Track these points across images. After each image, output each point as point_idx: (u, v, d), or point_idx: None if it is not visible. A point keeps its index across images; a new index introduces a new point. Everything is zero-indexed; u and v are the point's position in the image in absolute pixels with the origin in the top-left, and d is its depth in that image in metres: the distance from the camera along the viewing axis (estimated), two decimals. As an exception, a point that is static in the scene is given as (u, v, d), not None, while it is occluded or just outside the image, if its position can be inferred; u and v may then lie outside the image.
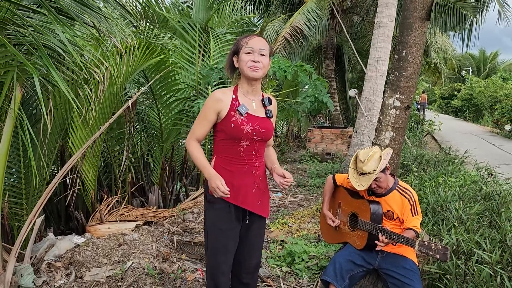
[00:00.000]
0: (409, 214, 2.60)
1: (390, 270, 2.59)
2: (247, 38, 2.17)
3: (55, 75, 2.25)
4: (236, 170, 2.21)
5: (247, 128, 2.15)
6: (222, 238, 2.25)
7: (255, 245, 2.38)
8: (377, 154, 2.67)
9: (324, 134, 8.87)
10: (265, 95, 2.31)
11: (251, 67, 2.11)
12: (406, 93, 4.38)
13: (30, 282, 3.04)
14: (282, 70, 4.87)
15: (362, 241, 2.64)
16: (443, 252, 2.12)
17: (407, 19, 4.36)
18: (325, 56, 12.41)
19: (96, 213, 4.75)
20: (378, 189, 2.67)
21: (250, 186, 2.23)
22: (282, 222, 4.98)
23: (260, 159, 2.27)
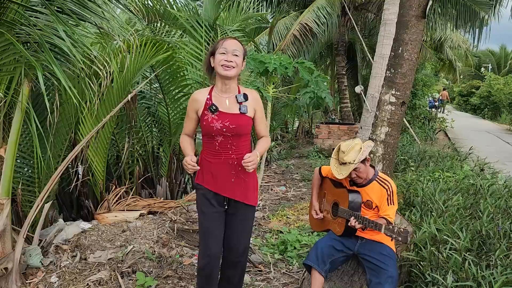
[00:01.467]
0: (385, 203, 2.75)
1: (368, 255, 2.74)
2: (222, 40, 2.38)
3: (57, 71, 2.47)
4: (214, 161, 2.43)
5: (217, 125, 2.36)
6: (205, 221, 2.47)
7: (242, 231, 2.55)
8: (358, 146, 2.82)
9: (332, 130, 8.99)
10: (242, 91, 2.48)
11: (223, 65, 2.31)
12: (401, 90, 4.50)
13: (37, 262, 3.30)
14: (283, 67, 5.02)
15: (341, 227, 2.80)
16: (404, 234, 2.31)
17: (403, 17, 4.47)
18: (336, 53, 12.47)
19: (104, 202, 5.00)
20: (358, 179, 2.82)
21: (227, 176, 2.43)
22: (282, 214, 5.15)
23: (239, 151, 2.42)
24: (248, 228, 2.58)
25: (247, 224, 2.58)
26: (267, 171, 7.65)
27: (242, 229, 2.56)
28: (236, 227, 2.55)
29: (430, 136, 11.08)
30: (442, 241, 2.76)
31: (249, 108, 2.44)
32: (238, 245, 2.56)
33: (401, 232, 2.31)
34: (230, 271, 2.58)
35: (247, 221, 2.58)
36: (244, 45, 2.43)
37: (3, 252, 2.91)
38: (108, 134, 4.95)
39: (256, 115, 2.52)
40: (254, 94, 2.52)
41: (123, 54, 4.18)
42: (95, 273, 3.23)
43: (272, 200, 5.95)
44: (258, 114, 2.53)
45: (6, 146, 2.83)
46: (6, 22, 2.58)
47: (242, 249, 2.59)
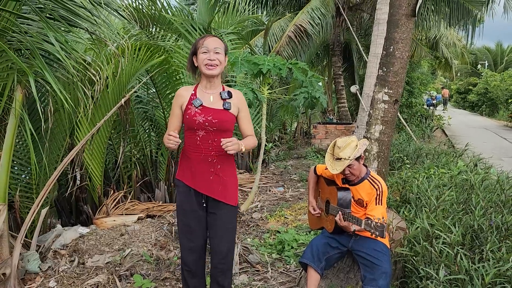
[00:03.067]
0: (373, 202, 2.78)
1: (361, 252, 2.77)
2: (202, 39, 2.41)
3: (49, 77, 2.51)
4: (194, 158, 2.45)
5: (199, 119, 2.39)
6: (185, 218, 2.51)
7: (224, 231, 2.53)
8: (354, 143, 2.85)
9: (329, 130, 9.02)
10: (226, 88, 2.52)
11: (207, 65, 2.36)
12: (394, 88, 4.54)
13: (35, 267, 3.33)
14: (277, 68, 5.06)
15: (332, 224, 2.83)
16: (380, 229, 2.38)
17: (393, 16, 4.51)
18: (332, 54, 12.51)
19: (102, 207, 5.04)
20: (351, 176, 2.85)
21: (206, 173, 2.45)
22: (279, 214, 5.18)
23: (219, 149, 2.40)
24: (230, 228, 2.54)
25: (228, 224, 2.54)
26: (265, 172, 7.68)
27: (223, 230, 2.53)
28: (217, 228, 2.52)
29: (427, 133, 11.12)
30: (434, 236, 2.78)
31: (233, 106, 2.47)
32: (222, 246, 2.53)
33: (378, 227, 2.39)
34: (218, 274, 2.55)
35: (228, 221, 2.54)
36: (224, 41, 2.46)
37: (1, 257, 2.93)
38: (104, 139, 4.98)
39: (240, 114, 2.54)
40: (238, 93, 2.55)
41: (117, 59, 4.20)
42: (93, 277, 3.26)
43: (270, 201, 5.97)
44: (243, 113, 2.55)
45: (1, 152, 2.86)
46: (-2, 30, 2.62)
47: (226, 250, 2.54)
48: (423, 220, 2.95)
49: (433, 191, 3.38)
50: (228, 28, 8.60)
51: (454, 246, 2.57)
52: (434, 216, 2.99)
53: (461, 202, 3.42)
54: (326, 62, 16.11)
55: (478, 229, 2.88)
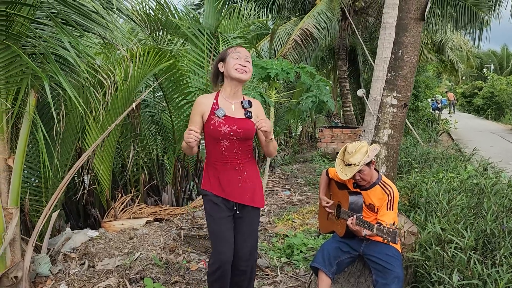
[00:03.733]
0: (384, 207, 2.77)
1: (373, 256, 2.76)
2: (233, 48, 2.46)
3: (63, 81, 2.53)
4: (221, 167, 2.47)
5: (224, 129, 2.39)
6: (215, 226, 2.50)
7: (249, 234, 2.58)
8: (364, 148, 2.84)
9: (335, 134, 9.01)
10: (246, 98, 2.53)
11: (238, 69, 2.37)
12: (403, 92, 4.53)
13: (46, 270, 3.34)
14: (284, 72, 5.07)
15: (342, 229, 2.82)
16: (393, 234, 2.36)
17: (402, 20, 4.51)
18: (338, 57, 12.54)
19: (111, 211, 5.05)
20: (361, 181, 2.84)
21: (235, 181, 2.47)
22: (287, 218, 5.17)
23: (244, 156, 2.47)
24: (254, 231, 2.61)
25: (253, 226, 2.61)
26: (271, 176, 7.68)
27: (249, 232, 2.58)
28: (243, 230, 2.57)
29: (433, 137, 11.08)
30: (447, 241, 2.77)
31: (253, 115, 2.49)
32: (246, 248, 2.57)
33: (390, 232, 2.37)
34: (239, 276, 2.59)
35: (253, 224, 2.61)
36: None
37: (13, 261, 2.95)
38: (113, 142, 5.00)
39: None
40: (256, 102, 2.58)
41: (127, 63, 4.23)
42: (104, 280, 3.26)
43: (277, 204, 5.97)
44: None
45: (14, 156, 2.87)
46: (12, 35, 2.64)
47: (249, 252, 2.59)
48: (434, 225, 2.94)
49: (443, 196, 3.37)
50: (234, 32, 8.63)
51: (467, 251, 2.55)
52: (446, 220, 2.97)
53: (472, 206, 3.40)
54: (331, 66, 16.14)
55: (490, 234, 2.86)
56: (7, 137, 2.84)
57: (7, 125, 2.81)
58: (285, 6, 12.54)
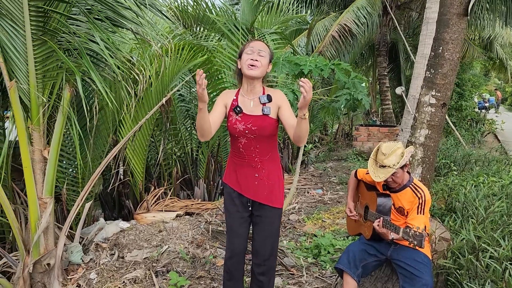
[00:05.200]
0: (414, 211, 2.66)
1: (401, 261, 2.66)
2: (249, 42, 2.40)
3: (94, 76, 2.59)
4: (238, 162, 2.47)
5: (239, 127, 2.37)
6: (229, 219, 2.53)
7: (268, 234, 2.54)
8: (400, 150, 2.72)
9: (371, 133, 8.80)
10: (267, 91, 2.44)
11: (249, 64, 2.31)
12: (442, 91, 4.34)
13: (78, 258, 3.46)
14: (318, 68, 4.98)
15: (370, 231, 2.74)
16: (419, 238, 2.26)
17: (443, 15, 4.31)
18: (378, 54, 12.19)
19: (143, 203, 5.16)
20: (392, 183, 2.74)
21: (251, 178, 2.45)
22: (317, 217, 5.10)
23: (263, 154, 2.43)
24: (274, 231, 2.55)
25: (272, 226, 2.55)
26: (304, 174, 7.60)
27: (267, 232, 2.54)
28: (262, 230, 2.54)
29: (477, 138, 10.59)
30: (481, 249, 2.63)
31: (273, 109, 2.40)
32: (264, 249, 2.54)
33: (416, 236, 2.27)
34: (259, 276, 2.57)
35: (272, 224, 2.55)
36: (271, 48, 2.43)
37: (46, 248, 3.06)
38: (146, 136, 5.09)
39: (282, 112, 2.41)
40: (278, 93, 2.46)
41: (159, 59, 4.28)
42: (131, 271, 3.34)
43: (308, 203, 5.90)
44: (285, 111, 2.41)
45: (49, 147, 2.98)
46: (49, 31, 2.73)
47: (269, 253, 2.55)
48: (469, 232, 2.80)
49: (481, 201, 3.20)
50: (271, 27, 8.58)
51: (503, 261, 2.41)
52: (482, 227, 2.82)
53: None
54: (370, 62, 15.74)
55: (530, 244, 2.69)
56: (43, 129, 2.94)
57: (43, 118, 2.91)
58: (325, 1, 12.32)
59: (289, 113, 2.41)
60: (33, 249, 2.97)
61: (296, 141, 2.28)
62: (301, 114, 2.11)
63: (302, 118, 2.12)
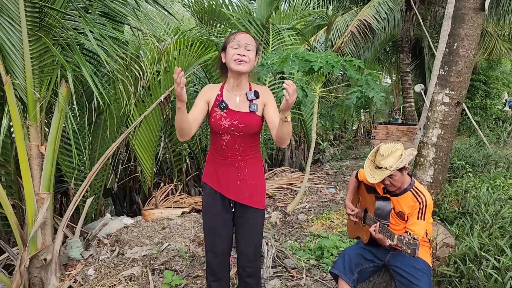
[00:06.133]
0: (414, 216, 2.53)
1: (399, 268, 2.54)
2: (234, 34, 2.26)
3: (84, 72, 2.57)
4: (220, 161, 2.35)
5: (225, 123, 2.25)
6: (210, 221, 2.43)
7: (251, 235, 2.45)
8: (399, 152, 2.60)
9: (390, 131, 8.57)
10: (254, 87, 2.35)
11: (236, 60, 2.19)
12: (456, 89, 4.15)
13: (78, 254, 3.47)
14: (329, 65, 4.85)
15: (367, 235, 2.62)
16: (413, 247, 2.13)
17: (459, 10, 4.12)
18: (400, 50, 11.87)
19: (152, 199, 5.17)
20: (391, 186, 2.62)
21: (233, 178, 2.35)
22: (326, 217, 4.98)
23: (246, 152, 2.33)
24: (257, 232, 2.47)
25: (255, 227, 2.46)
26: (318, 172, 7.47)
27: (250, 233, 2.45)
28: (244, 231, 2.46)
29: (503, 138, 10.18)
30: (485, 258, 2.48)
31: (259, 106, 2.31)
32: (249, 250, 2.47)
33: (410, 244, 2.14)
34: (247, 278, 2.50)
35: (255, 225, 2.46)
36: (257, 40, 2.32)
37: (44, 243, 3.08)
38: (155, 132, 5.09)
39: (268, 108, 2.33)
40: (265, 90, 2.37)
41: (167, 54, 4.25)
42: (128, 268, 3.33)
43: (319, 202, 5.78)
44: (271, 109, 2.33)
45: (47, 143, 2.99)
46: (44, 26, 2.73)
47: (253, 253, 2.48)
48: (473, 238, 2.65)
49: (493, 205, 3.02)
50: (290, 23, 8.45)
51: (505, 271, 2.26)
52: (488, 234, 2.66)
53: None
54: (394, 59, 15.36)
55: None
56: (40, 125, 2.95)
57: (40, 113, 2.92)
58: (347, -4, 12.09)
59: (275, 112, 2.33)
60: (30, 244, 2.99)
61: (278, 142, 2.21)
62: (283, 117, 2.02)
63: (283, 120, 2.04)
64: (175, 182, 5.73)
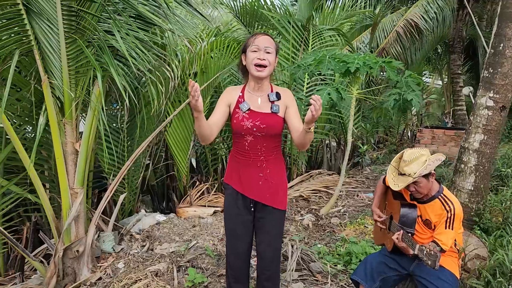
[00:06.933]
0: (442, 225, 2.40)
1: (423, 278, 2.43)
2: (253, 37, 2.26)
3: (113, 72, 2.68)
4: (242, 162, 2.36)
5: (247, 124, 2.26)
6: (230, 223, 2.43)
7: (271, 236, 2.45)
8: (423, 158, 2.49)
9: (436, 135, 8.20)
10: (275, 89, 2.36)
11: (256, 65, 2.21)
12: (501, 92, 3.91)
13: (109, 247, 3.61)
14: (367, 66, 4.73)
15: (391, 243, 2.53)
16: (433, 258, 2.02)
17: (506, 8, 3.88)
18: (452, 51, 11.34)
19: (187, 197, 5.29)
20: (416, 194, 2.51)
21: (255, 178, 2.35)
22: (360, 222, 4.86)
23: (268, 153, 2.34)
24: (277, 233, 2.46)
25: (276, 229, 2.46)
26: (357, 176, 7.31)
27: (271, 234, 2.45)
28: (264, 233, 2.46)
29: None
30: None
31: (281, 107, 2.33)
32: (268, 251, 2.46)
33: (430, 255, 2.03)
34: (264, 279, 2.50)
35: (275, 226, 2.46)
36: (276, 41, 2.31)
37: (77, 236, 3.23)
38: (190, 132, 5.18)
39: (290, 111, 2.36)
40: (286, 92, 2.39)
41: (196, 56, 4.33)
42: (155, 264, 3.42)
43: (355, 206, 5.65)
44: (292, 109, 2.37)
45: (81, 141, 3.13)
46: (79, 29, 2.86)
47: (272, 255, 2.47)
48: (509, 251, 2.49)
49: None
50: (334, 24, 8.33)
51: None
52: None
53: None
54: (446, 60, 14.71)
55: None
56: (75, 123, 3.10)
57: (75, 112, 3.07)
58: (395, -5, 11.74)
59: (297, 116, 2.36)
60: (64, 235, 3.15)
61: (298, 146, 2.26)
62: (307, 128, 2.07)
63: (307, 131, 2.08)
64: (210, 182, 5.82)
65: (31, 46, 2.85)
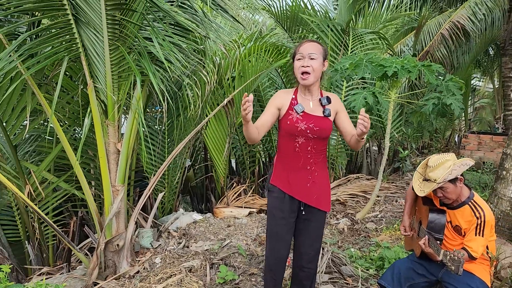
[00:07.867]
0: (472, 232, 2.37)
1: (452, 285, 2.40)
2: (299, 45, 2.36)
3: (151, 76, 2.84)
4: (292, 164, 2.43)
5: (301, 125, 2.34)
6: (275, 225, 2.49)
7: (315, 237, 2.54)
8: (449, 163, 2.46)
9: (482, 141, 7.88)
10: (324, 94, 2.44)
11: (301, 73, 2.30)
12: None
13: (147, 243, 3.80)
14: (405, 70, 4.67)
15: (419, 248, 2.52)
16: (456, 264, 1.99)
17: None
18: (503, 53, 10.85)
19: (224, 198, 5.43)
20: (445, 199, 2.49)
21: (304, 180, 2.43)
22: (396, 228, 4.80)
23: (317, 156, 2.42)
24: (320, 234, 2.56)
25: (319, 230, 2.56)
26: (398, 181, 7.17)
27: (315, 235, 2.54)
28: (309, 233, 2.54)
29: None
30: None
31: (332, 111, 2.41)
32: (310, 251, 2.56)
33: (454, 261, 2.01)
34: (303, 277, 2.58)
35: (319, 227, 2.56)
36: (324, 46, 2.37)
37: (117, 231, 3.44)
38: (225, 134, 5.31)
39: (341, 115, 2.47)
40: (335, 97, 2.48)
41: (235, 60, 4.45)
42: (190, 260, 3.56)
43: (393, 212, 5.56)
44: (342, 114, 2.48)
45: (122, 141, 3.33)
46: (121, 37, 3.06)
47: (313, 255, 2.58)
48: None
49: None
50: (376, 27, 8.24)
51: None
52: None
53: None
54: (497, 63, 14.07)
55: None
56: (117, 124, 3.30)
57: (117, 114, 3.27)
58: (442, -4, 11.40)
59: (347, 120, 2.47)
60: (105, 230, 3.36)
61: (351, 147, 2.42)
62: (359, 138, 2.22)
63: (359, 140, 2.24)
64: (247, 183, 5.93)
65: (79, 52, 3.08)
